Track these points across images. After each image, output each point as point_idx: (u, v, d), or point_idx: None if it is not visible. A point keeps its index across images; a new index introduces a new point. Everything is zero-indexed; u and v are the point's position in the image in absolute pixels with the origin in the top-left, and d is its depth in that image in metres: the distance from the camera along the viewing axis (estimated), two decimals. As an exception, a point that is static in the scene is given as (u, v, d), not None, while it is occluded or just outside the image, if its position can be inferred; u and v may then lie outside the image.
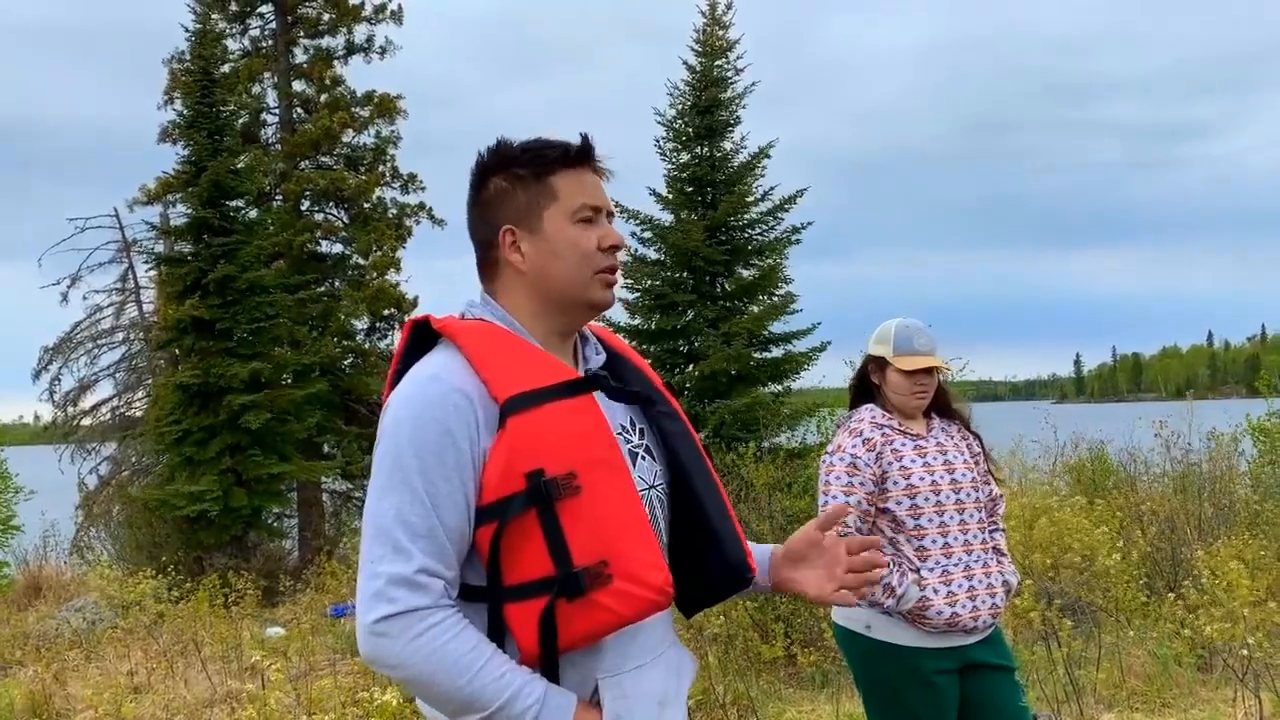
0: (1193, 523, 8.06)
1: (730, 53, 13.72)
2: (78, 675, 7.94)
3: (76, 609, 10.64)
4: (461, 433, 1.56)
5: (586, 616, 1.56)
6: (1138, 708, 5.57)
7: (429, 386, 1.59)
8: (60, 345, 17.64)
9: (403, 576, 1.53)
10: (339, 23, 17.42)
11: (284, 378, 14.24)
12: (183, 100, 15.11)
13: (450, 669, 1.52)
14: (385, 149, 17.37)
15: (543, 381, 1.61)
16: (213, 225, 13.72)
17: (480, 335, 1.66)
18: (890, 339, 3.24)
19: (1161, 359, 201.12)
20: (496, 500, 1.55)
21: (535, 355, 1.67)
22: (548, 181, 1.71)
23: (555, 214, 1.70)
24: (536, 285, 1.71)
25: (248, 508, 13.00)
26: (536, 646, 1.56)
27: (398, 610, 1.52)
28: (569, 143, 1.73)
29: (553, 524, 1.54)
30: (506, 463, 1.55)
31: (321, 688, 5.39)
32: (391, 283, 17.11)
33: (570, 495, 1.55)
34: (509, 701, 1.53)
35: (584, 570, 1.54)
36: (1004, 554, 3.26)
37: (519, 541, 1.55)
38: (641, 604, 1.59)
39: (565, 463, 1.56)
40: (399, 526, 1.54)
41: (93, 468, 17.50)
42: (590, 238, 1.71)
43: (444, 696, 1.54)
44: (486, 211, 1.74)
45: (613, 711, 1.62)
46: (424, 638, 1.52)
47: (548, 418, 1.59)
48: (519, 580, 1.56)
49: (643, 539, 1.60)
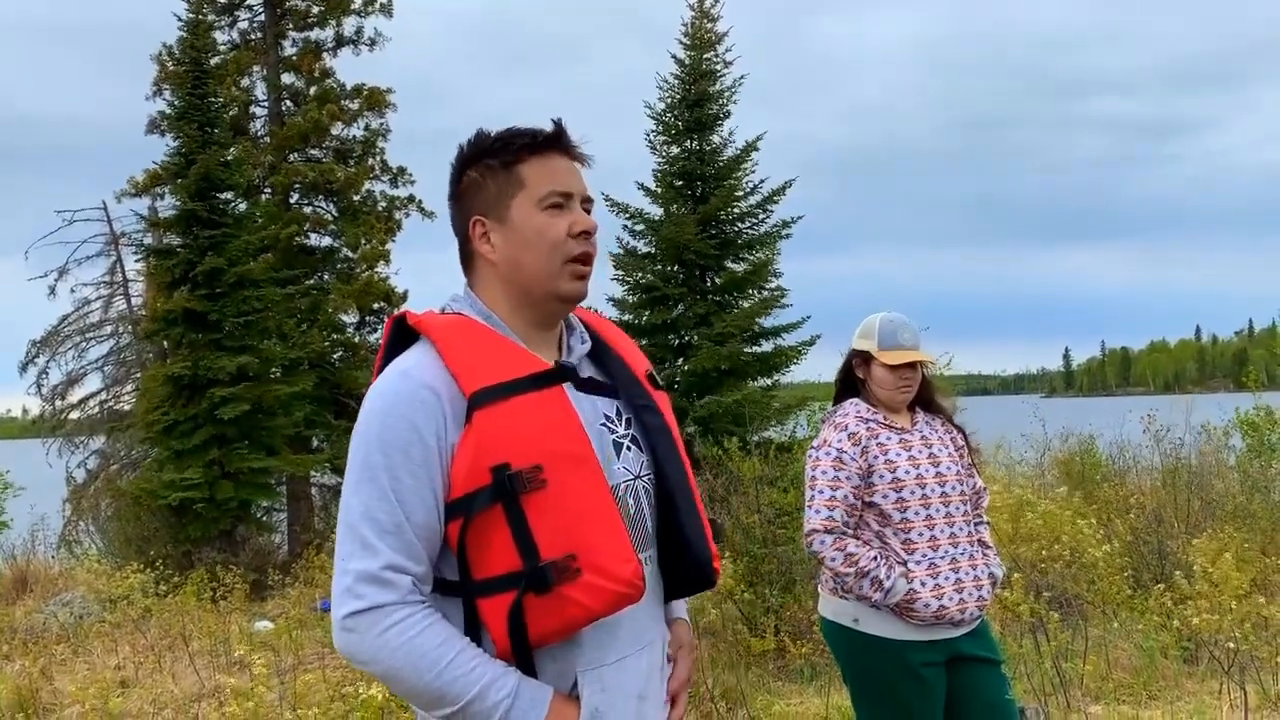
0: (1180, 516, 8.09)
1: (719, 45, 13.69)
2: (65, 670, 7.91)
3: (64, 603, 10.60)
4: (428, 428, 1.56)
5: (556, 611, 1.54)
6: (1124, 700, 5.59)
7: (398, 383, 1.59)
8: (48, 338, 17.57)
9: (369, 573, 1.53)
10: (328, 15, 17.37)
11: (273, 371, 14.20)
12: (173, 92, 15.04)
13: (418, 664, 1.51)
14: (374, 142, 17.33)
15: (510, 374, 1.60)
16: (201, 217, 13.67)
17: (452, 330, 1.65)
18: (875, 333, 3.25)
19: (1150, 353, 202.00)
20: (464, 495, 1.55)
21: (505, 348, 1.65)
22: (516, 170, 1.69)
23: (522, 202, 1.68)
24: (508, 276, 1.69)
25: (235, 500, 12.96)
26: (507, 642, 1.56)
27: (365, 606, 1.53)
28: (538, 129, 1.70)
29: (519, 518, 1.53)
30: (473, 457, 1.54)
31: (307, 682, 5.37)
32: (381, 276, 17.08)
33: (536, 489, 1.54)
34: (480, 695, 1.52)
35: (551, 564, 1.53)
36: (989, 546, 3.28)
37: (486, 536, 1.55)
38: (611, 597, 1.57)
39: (531, 456, 1.55)
40: (366, 523, 1.55)
41: (81, 461, 17.45)
42: (559, 225, 1.68)
43: (414, 691, 1.54)
44: (460, 204, 1.74)
45: (591, 705, 1.61)
46: (391, 633, 1.52)
47: (514, 411, 1.57)
48: (488, 575, 1.56)
49: (611, 531, 1.58)
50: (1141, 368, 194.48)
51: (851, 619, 3.14)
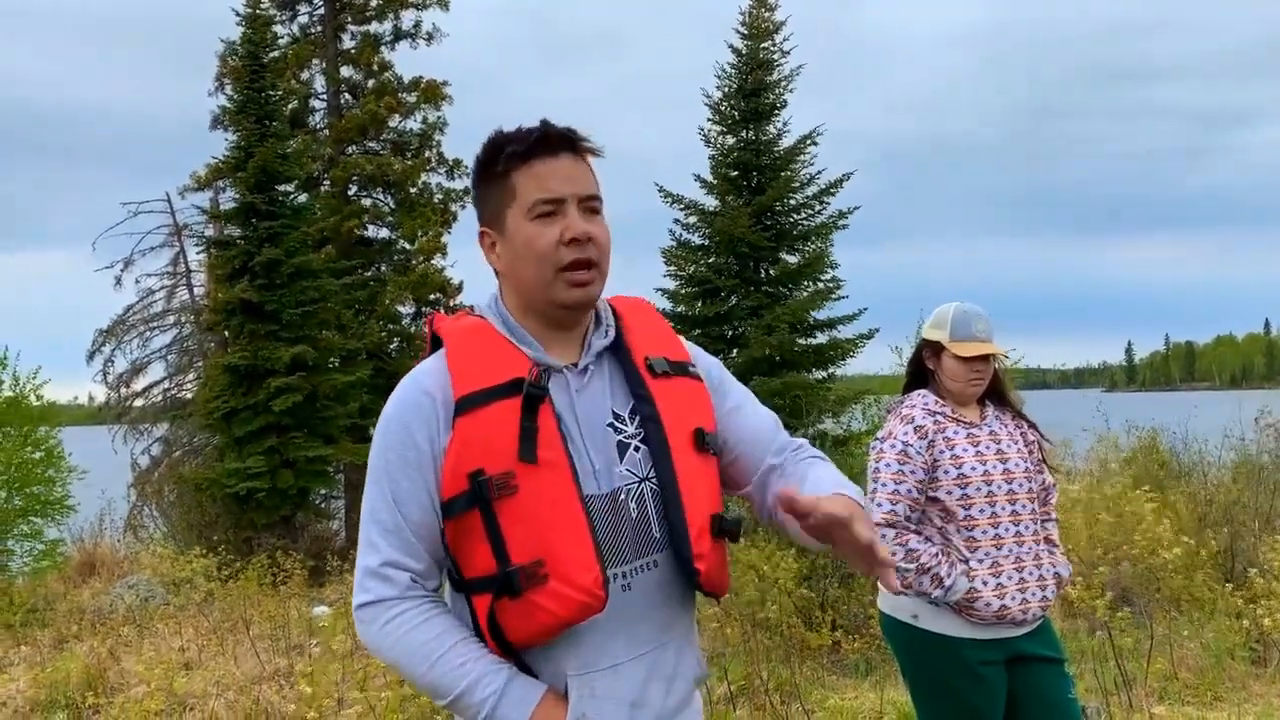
0: (1261, 515, 7.88)
1: (776, 35, 13.59)
2: (131, 651, 8.10)
3: (130, 586, 10.86)
4: (421, 433, 1.62)
5: (527, 616, 1.57)
6: (1189, 701, 5.47)
7: (403, 387, 1.67)
8: (113, 328, 17.98)
9: (371, 569, 1.64)
10: (386, 8, 17.52)
11: (331, 361, 14.39)
12: (232, 86, 15.28)
13: (412, 656, 1.61)
14: (431, 135, 17.47)
15: (494, 380, 1.62)
16: (260, 210, 13.88)
17: (461, 334, 1.69)
18: (948, 324, 3.16)
19: (1216, 347, 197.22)
20: (448, 499, 1.60)
21: (500, 353, 1.65)
22: (509, 180, 1.66)
23: (515, 213, 1.65)
24: (511, 286, 1.72)
25: (294, 488, 13.17)
26: (493, 642, 1.62)
27: (369, 599, 1.64)
28: (528, 133, 1.65)
29: (492, 524, 1.57)
30: (455, 463, 1.59)
31: (368, 667, 5.45)
32: (437, 267, 17.22)
33: (507, 495, 1.56)
34: (467, 690, 1.58)
35: (519, 569, 1.56)
36: (1055, 545, 3.20)
37: (468, 539, 1.60)
38: (575, 605, 1.56)
39: (504, 462, 1.57)
40: (372, 523, 1.65)
41: (145, 448, 17.84)
42: (548, 235, 1.63)
43: (413, 681, 1.65)
44: (477, 211, 1.77)
45: (577, 710, 1.60)
46: (389, 626, 1.62)
47: (491, 417, 1.59)
48: (472, 575, 1.62)
49: (576, 539, 1.57)
50: (1206, 362, 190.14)
51: (910, 615, 3.10)
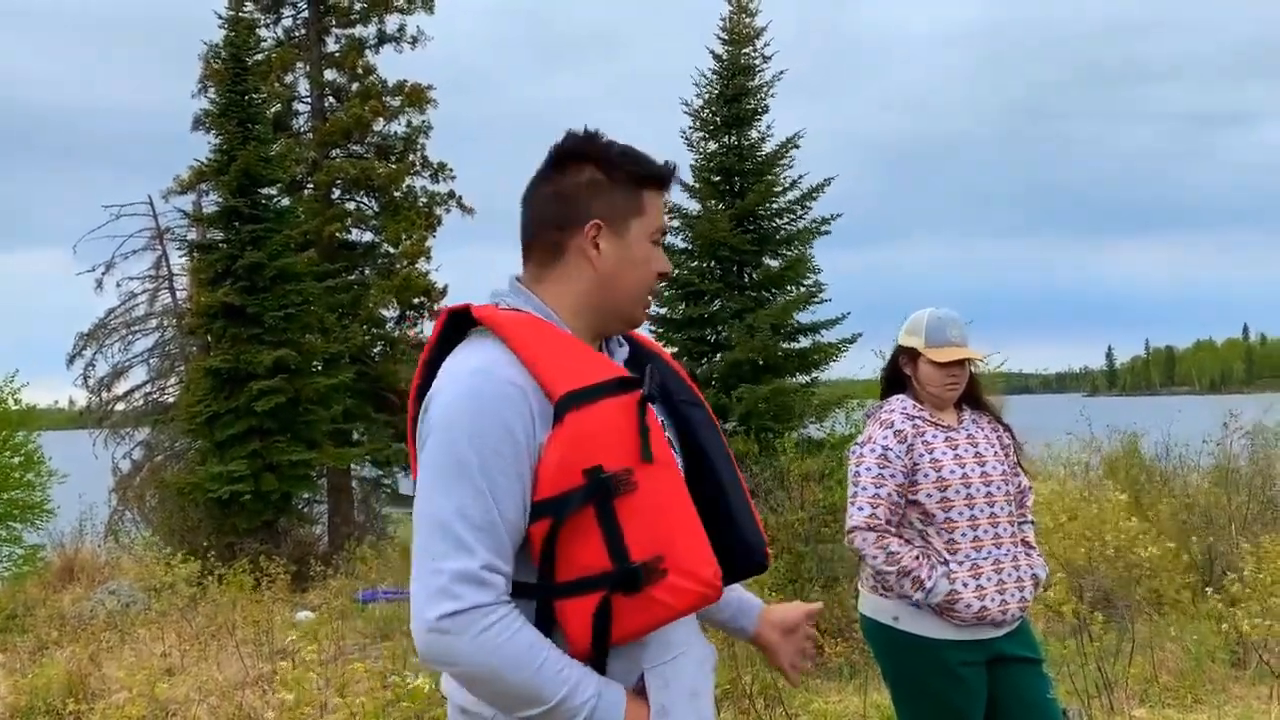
0: (1238, 518, 7.96)
1: (758, 40, 13.63)
2: (112, 656, 8.05)
3: (111, 591, 10.79)
4: (518, 426, 1.55)
5: (642, 611, 1.57)
6: (1169, 704, 5.52)
7: (480, 380, 1.58)
8: (94, 331, 17.85)
9: (468, 572, 1.52)
10: (371, 12, 17.49)
11: (314, 365, 14.35)
12: (215, 89, 15.23)
13: (514, 664, 1.51)
14: (416, 138, 17.44)
15: (595, 378, 1.61)
16: (243, 213, 13.84)
17: (526, 328, 1.65)
18: (923, 330, 3.20)
19: (1195, 352, 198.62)
20: (553, 496, 1.55)
21: (583, 351, 1.67)
22: (640, 194, 1.73)
23: (640, 227, 1.73)
24: (600, 285, 1.71)
25: (277, 493, 13.12)
26: (589, 641, 1.57)
27: (463, 607, 1.51)
28: (666, 166, 1.77)
29: (610, 520, 1.55)
30: (564, 458, 1.55)
31: (354, 671, 5.43)
32: (420, 271, 17.20)
33: (627, 492, 1.55)
34: (569, 694, 1.54)
35: (642, 566, 1.56)
36: (1033, 547, 3.24)
37: (575, 538, 1.55)
38: (693, 597, 1.61)
39: (622, 459, 1.56)
40: (460, 521, 1.53)
41: (126, 452, 17.72)
42: (655, 260, 1.75)
43: (505, 692, 1.54)
44: (574, 195, 1.71)
45: (657, 702, 1.64)
46: (488, 634, 1.51)
47: (603, 414, 1.58)
48: (574, 576, 1.56)
49: (694, 533, 1.62)
50: (1186, 367, 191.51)
51: (891, 617, 3.12)
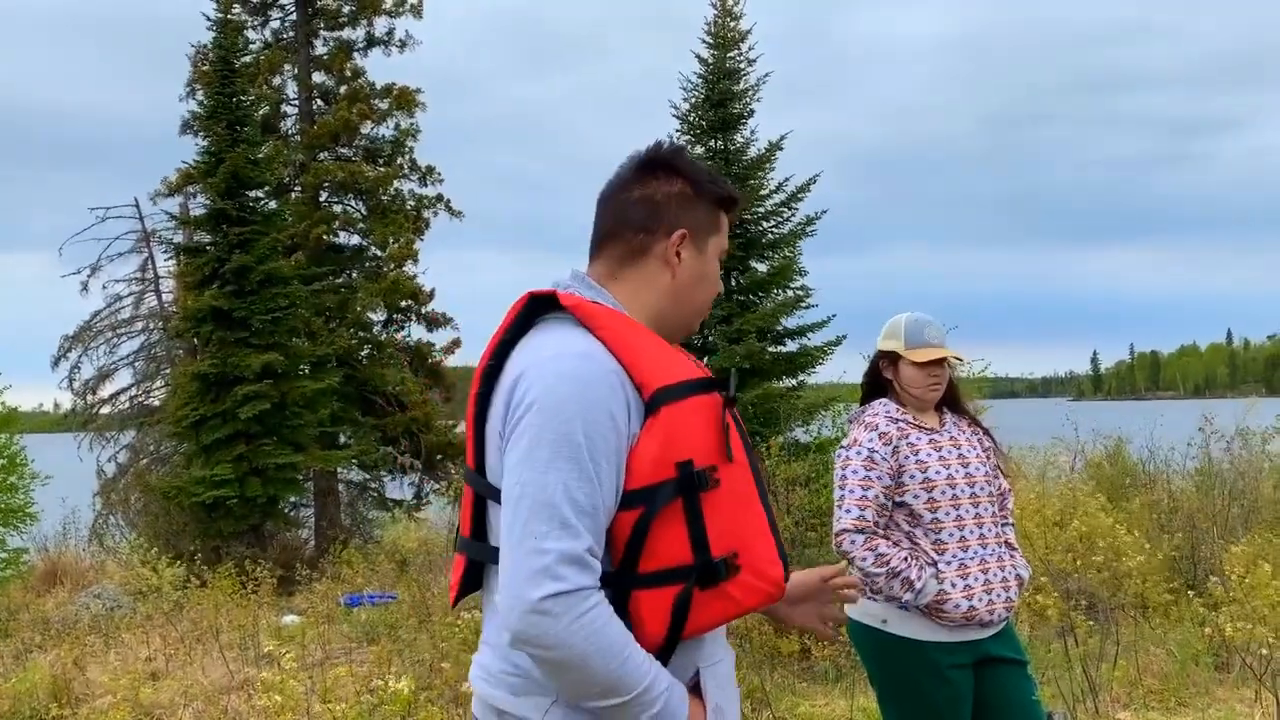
0: (1219, 521, 8.01)
1: (742, 44, 13.65)
2: (97, 661, 8.01)
3: (95, 595, 10.73)
4: (620, 415, 1.58)
5: (714, 605, 1.61)
6: (1154, 706, 5.55)
7: (585, 364, 1.59)
8: (80, 334, 17.76)
9: (573, 554, 1.51)
10: (359, 15, 17.47)
11: (300, 368, 14.30)
12: (203, 91, 15.19)
13: (606, 651, 1.51)
14: (404, 141, 17.41)
15: (683, 375, 1.65)
16: (231, 216, 13.79)
17: (616, 321, 1.67)
18: (901, 333, 3.25)
19: (1180, 357, 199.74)
20: (645, 486, 1.57)
21: (668, 348, 1.70)
22: (719, 215, 1.82)
23: (714, 245, 1.81)
24: (673, 293, 1.77)
25: (263, 497, 13.07)
26: (663, 633, 1.59)
27: (567, 589, 1.50)
28: (736, 191, 1.86)
29: (696, 514, 1.58)
30: (660, 450, 1.57)
31: (336, 676, 5.41)
32: (408, 275, 17.16)
33: (713, 487, 1.60)
34: (650, 685, 1.55)
35: (722, 560, 1.60)
36: (1015, 548, 3.27)
37: (663, 529, 1.57)
38: (761, 596, 1.66)
39: (709, 456, 1.61)
40: (566, 503, 1.52)
41: (111, 456, 17.63)
42: (718, 280, 1.85)
43: (593, 680, 1.53)
44: (663, 204, 1.77)
45: (713, 700, 1.69)
46: (587, 618, 1.50)
47: (694, 411, 1.62)
48: (655, 567, 1.58)
49: (766, 534, 1.69)
50: (1171, 371, 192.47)
51: (880, 620, 3.13)
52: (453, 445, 17.19)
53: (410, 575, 10.32)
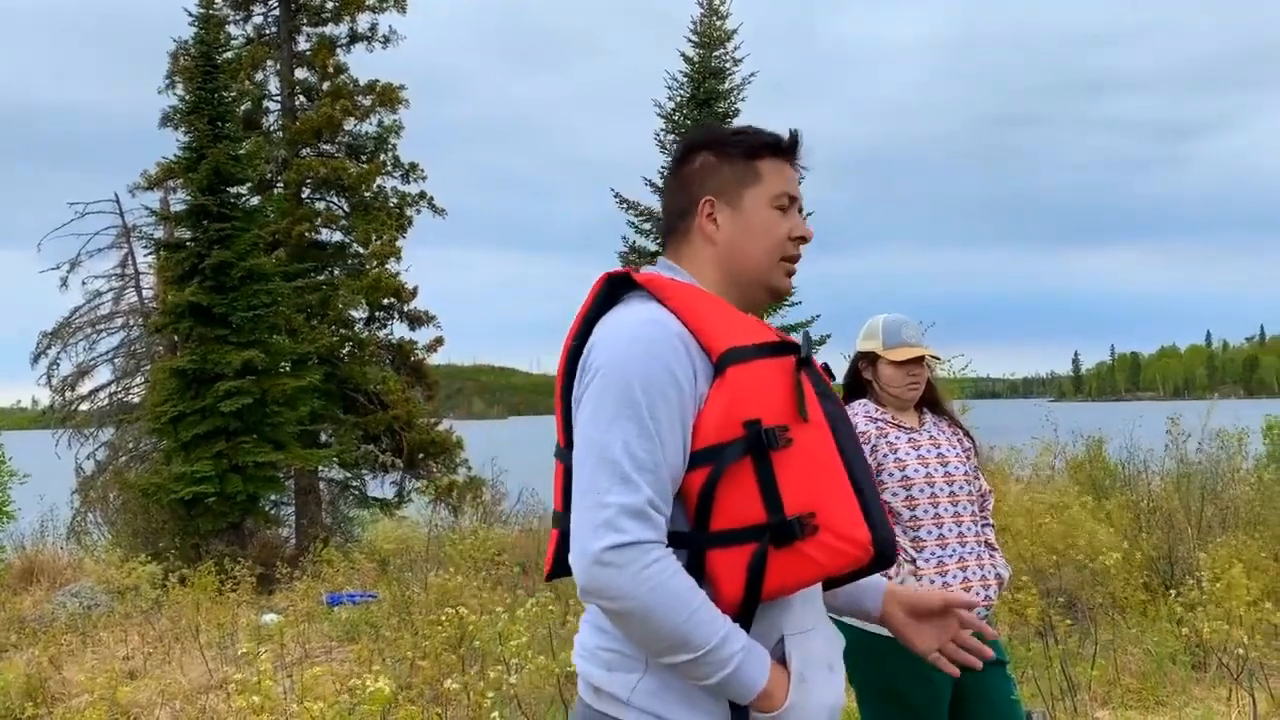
0: (1193, 521, 8.07)
1: (728, 44, 13.68)
2: (74, 660, 7.95)
3: (73, 594, 10.65)
4: (683, 374, 1.59)
5: (792, 566, 1.58)
6: (1132, 705, 5.58)
7: (650, 328, 1.63)
8: (59, 330, 17.62)
9: (634, 507, 1.53)
10: (343, 11, 17.38)
11: (281, 366, 14.23)
12: (184, 86, 15.08)
13: (672, 605, 1.51)
14: (387, 138, 17.34)
15: (754, 339, 1.65)
16: (212, 211, 13.71)
17: (686, 291, 1.70)
18: (879, 333, 3.29)
19: (1160, 358, 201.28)
20: (713, 445, 1.58)
21: (740, 315, 1.71)
22: (754, 165, 1.79)
23: (757, 195, 1.79)
24: (724, 258, 1.78)
25: (243, 494, 13.00)
26: (740, 594, 1.57)
27: (627, 540, 1.52)
28: (779, 134, 1.83)
29: (767, 472, 1.57)
30: (726, 409, 1.58)
31: (315, 675, 5.38)
32: (390, 272, 17.10)
33: (785, 446, 1.58)
34: (721, 643, 1.54)
35: (796, 519, 1.57)
36: (995, 548, 3.28)
37: (732, 487, 1.57)
38: (845, 558, 1.62)
39: (780, 415, 1.60)
40: (627, 458, 1.55)
41: (90, 453, 17.49)
42: (784, 226, 1.79)
43: (659, 633, 1.53)
44: (688, 182, 1.81)
45: (797, 670, 1.64)
46: (650, 570, 1.51)
47: (762, 371, 1.62)
48: (727, 526, 1.58)
49: (846, 495, 1.64)
50: (1151, 373, 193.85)
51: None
52: (434, 444, 17.14)
53: (391, 574, 10.29)
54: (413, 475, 17.25)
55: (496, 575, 9.32)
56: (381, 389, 16.56)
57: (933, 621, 1.91)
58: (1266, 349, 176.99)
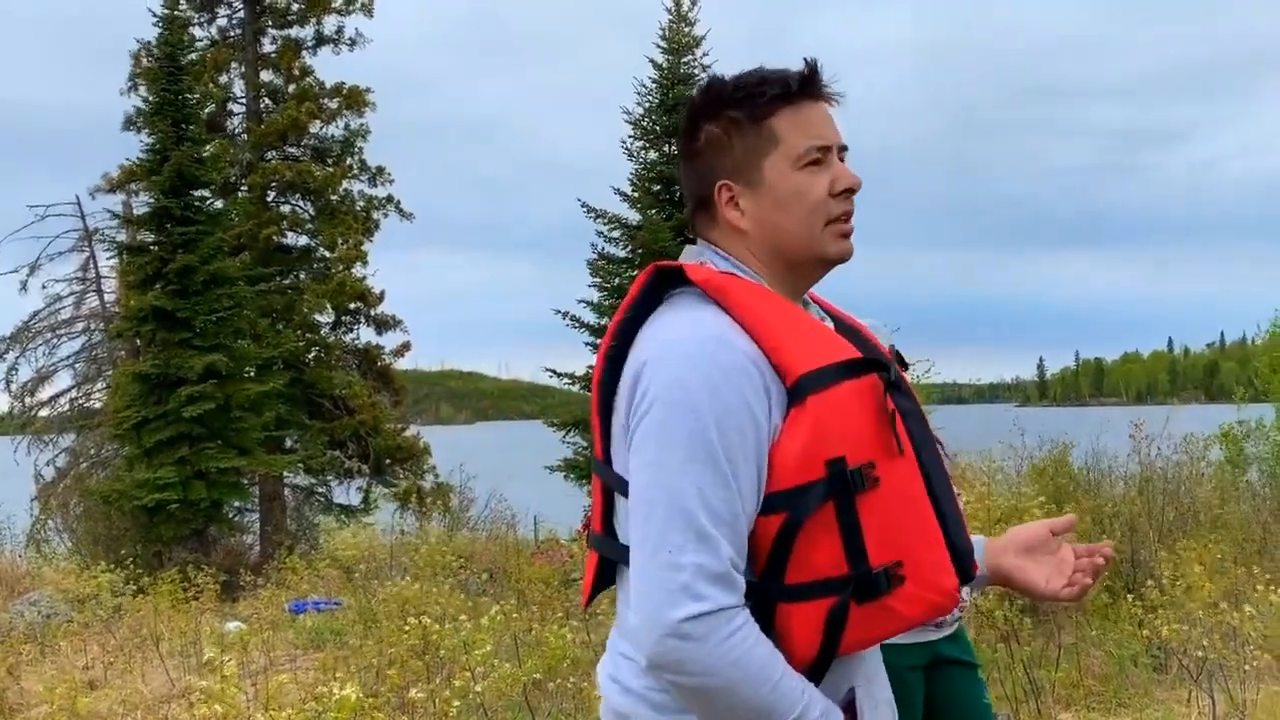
0: (1154, 525, 8.17)
1: (697, 50, 13.72)
2: (32, 670, 7.82)
3: (31, 603, 10.47)
4: (760, 407, 1.37)
5: (874, 620, 1.42)
6: (1094, 707, 5.64)
7: (718, 350, 1.38)
8: (18, 334, 17.36)
9: (713, 570, 1.33)
10: (308, 13, 17.28)
11: (245, 370, 14.09)
12: (147, 88, 14.94)
13: (756, 676, 1.34)
14: (354, 141, 17.25)
15: (833, 357, 1.42)
16: (175, 214, 13.57)
17: (751, 294, 1.45)
18: None
19: (1123, 364, 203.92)
20: (791, 488, 1.37)
21: (814, 325, 1.48)
22: (767, 125, 1.49)
23: (777, 161, 1.49)
24: (761, 245, 1.51)
25: (207, 500, 12.86)
26: (815, 652, 1.41)
27: (710, 609, 1.32)
28: (788, 74, 1.51)
29: (851, 519, 1.37)
30: (806, 446, 1.36)
31: (280, 683, 5.33)
32: (356, 276, 17.00)
33: (871, 488, 1.38)
34: (805, 710, 1.37)
35: (883, 571, 1.39)
36: (966, 552, 3.29)
37: (812, 537, 1.38)
38: (929, 609, 1.46)
39: (865, 451, 1.39)
40: (703, 510, 1.34)
41: (50, 459, 17.24)
42: (819, 184, 1.49)
43: (739, 708, 1.36)
44: (698, 163, 1.54)
45: None
46: (732, 640, 1.33)
47: (845, 398, 1.40)
48: (804, 579, 1.39)
49: (934, 539, 1.47)
50: (1114, 378, 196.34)
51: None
52: (401, 449, 17.04)
53: (356, 582, 10.20)
54: (379, 481, 17.15)
55: (458, 582, 9.27)
56: (347, 394, 16.45)
57: (1045, 554, 1.68)
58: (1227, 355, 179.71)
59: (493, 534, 13.68)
